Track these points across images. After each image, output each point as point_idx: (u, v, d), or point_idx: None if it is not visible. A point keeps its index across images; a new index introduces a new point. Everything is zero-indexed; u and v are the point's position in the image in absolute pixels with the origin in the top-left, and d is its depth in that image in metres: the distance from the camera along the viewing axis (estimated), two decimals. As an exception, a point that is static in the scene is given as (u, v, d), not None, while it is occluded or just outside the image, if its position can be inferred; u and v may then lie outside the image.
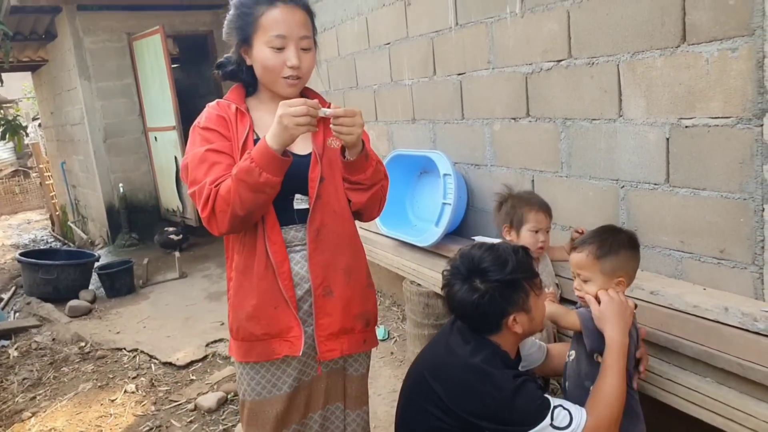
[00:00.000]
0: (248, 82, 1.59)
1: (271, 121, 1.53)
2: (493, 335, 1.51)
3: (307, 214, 1.52)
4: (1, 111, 7.22)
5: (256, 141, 1.50)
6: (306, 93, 1.64)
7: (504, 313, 1.47)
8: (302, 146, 1.57)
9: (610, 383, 1.44)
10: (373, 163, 1.56)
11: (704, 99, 1.67)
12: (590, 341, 1.56)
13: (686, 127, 1.74)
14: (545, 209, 2.03)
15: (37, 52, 8.28)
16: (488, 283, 1.45)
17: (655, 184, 1.88)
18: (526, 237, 1.97)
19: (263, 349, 1.54)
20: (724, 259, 1.72)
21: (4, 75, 6.77)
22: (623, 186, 2.00)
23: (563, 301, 2.14)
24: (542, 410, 1.39)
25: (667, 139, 1.80)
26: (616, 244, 1.56)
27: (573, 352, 1.68)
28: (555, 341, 2.05)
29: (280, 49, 1.46)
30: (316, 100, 1.39)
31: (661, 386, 1.70)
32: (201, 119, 1.53)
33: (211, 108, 1.55)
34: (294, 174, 1.48)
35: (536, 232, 1.98)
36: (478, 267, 1.48)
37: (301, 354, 1.53)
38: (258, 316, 1.52)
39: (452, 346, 1.53)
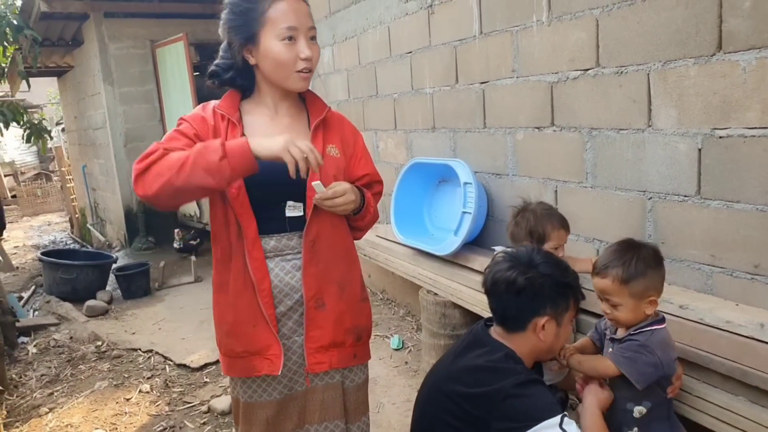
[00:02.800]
0: (245, 86, 1.54)
1: (267, 125, 1.49)
2: (514, 335, 1.47)
3: (299, 222, 1.47)
4: (27, 115, 7.33)
5: None
6: (306, 96, 1.59)
7: (540, 311, 1.43)
8: None
9: None
10: (371, 210, 1.54)
11: (740, 109, 1.62)
12: (642, 382, 1.50)
13: (720, 137, 1.69)
14: (566, 226, 2.00)
15: (64, 58, 8.43)
16: (542, 276, 1.43)
17: (686, 196, 1.83)
18: None
19: (243, 365, 1.51)
20: (759, 274, 1.66)
21: (31, 80, 6.91)
22: (651, 198, 1.95)
23: (582, 312, 2.09)
24: (551, 410, 1.32)
25: (699, 150, 1.76)
26: (642, 265, 1.49)
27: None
28: None
29: (292, 42, 1.41)
30: (321, 161, 1.36)
31: (690, 404, 1.65)
32: (186, 115, 1.51)
33: (198, 109, 1.52)
34: (287, 182, 1.41)
35: (555, 249, 1.95)
36: (535, 262, 1.46)
37: (288, 366, 1.50)
38: (237, 333, 1.49)
39: (465, 353, 1.50)
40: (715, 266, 1.78)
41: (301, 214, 1.47)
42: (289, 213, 1.47)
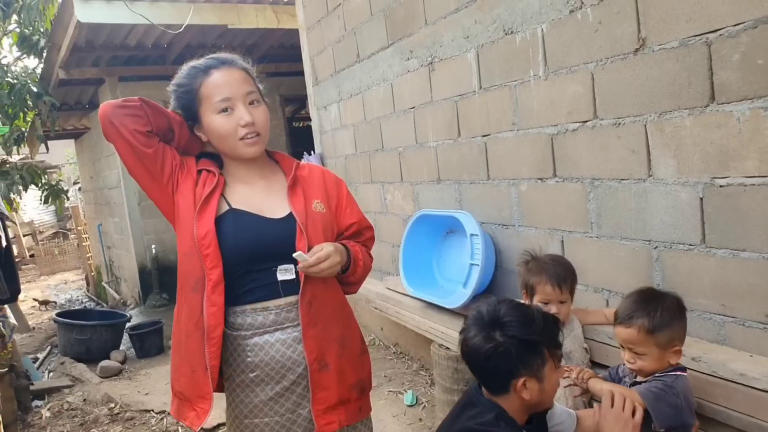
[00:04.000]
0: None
1: (245, 192, 1.48)
2: (501, 396, 1.42)
3: (292, 285, 1.45)
4: (46, 176, 7.54)
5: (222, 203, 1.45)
6: (276, 157, 1.60)
7: (515, 373, 1.37)
8: (276, 208, 1.49)
9: None
10: (360, 264, 1.53)
11: (738, 158, 1.63)
12: (661, 420, 1.47)
13: (720, 186, 1.70)
14: (555, 282, 1.91)
15: (81, 121, 8.75)
16: (506, 337, 1.36)
17: (691, 245, 1.82)
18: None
19: (177, 407, 1.51)
20: (771, 323, 1.63)
21: (49, 142, 7.16)
22: (656, 247, 1.95)
23: (593, 365, 2.05)
24: None
25: (701, 198, 1.76)
26: (667, 315, 1.51)
27: None
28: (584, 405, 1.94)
29: (229, 112, 1.42)
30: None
31: (710, 462, 1.59)
32: None
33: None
34: (274, 242, 1.42)
35: (546, 303, 1.89)
36: (501, 319, 1.40)
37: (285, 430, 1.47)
38: (179, 371, 1.48)
39: (460, 414, 1.46)
40: (726, 315, 1.75)
41: (294, 277, 1.46)
42: (281, 276, 1.45)
